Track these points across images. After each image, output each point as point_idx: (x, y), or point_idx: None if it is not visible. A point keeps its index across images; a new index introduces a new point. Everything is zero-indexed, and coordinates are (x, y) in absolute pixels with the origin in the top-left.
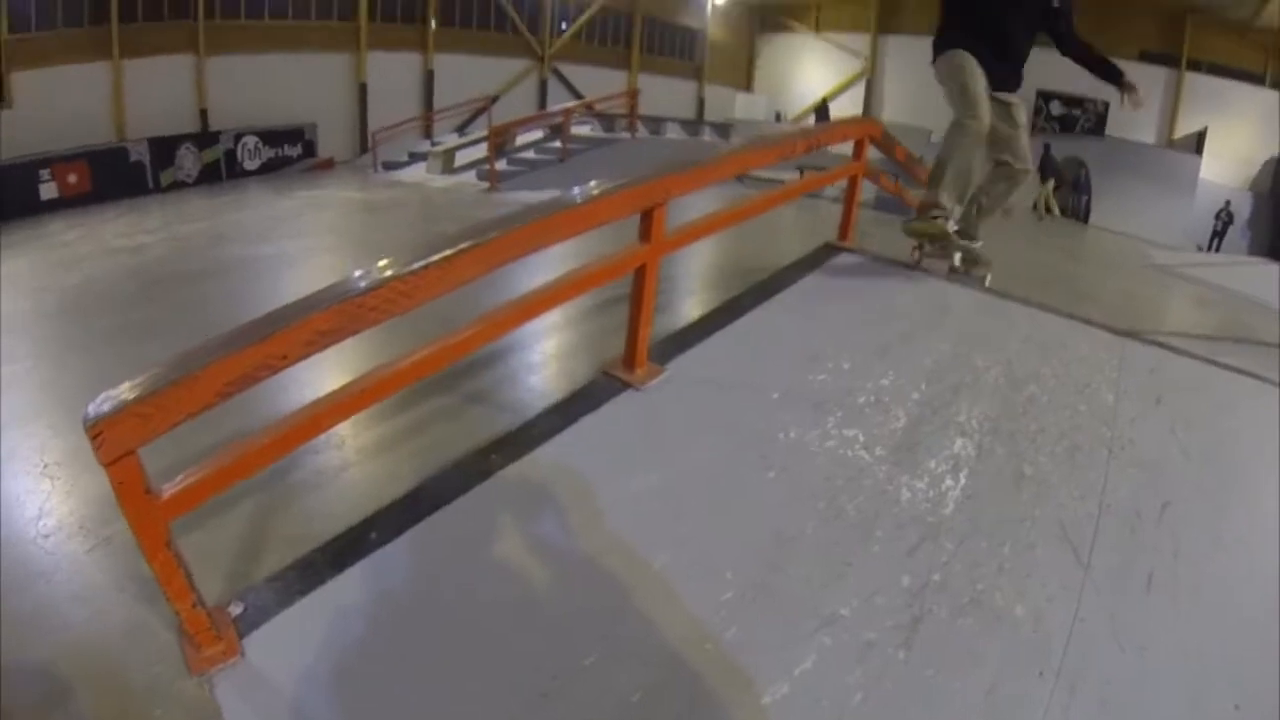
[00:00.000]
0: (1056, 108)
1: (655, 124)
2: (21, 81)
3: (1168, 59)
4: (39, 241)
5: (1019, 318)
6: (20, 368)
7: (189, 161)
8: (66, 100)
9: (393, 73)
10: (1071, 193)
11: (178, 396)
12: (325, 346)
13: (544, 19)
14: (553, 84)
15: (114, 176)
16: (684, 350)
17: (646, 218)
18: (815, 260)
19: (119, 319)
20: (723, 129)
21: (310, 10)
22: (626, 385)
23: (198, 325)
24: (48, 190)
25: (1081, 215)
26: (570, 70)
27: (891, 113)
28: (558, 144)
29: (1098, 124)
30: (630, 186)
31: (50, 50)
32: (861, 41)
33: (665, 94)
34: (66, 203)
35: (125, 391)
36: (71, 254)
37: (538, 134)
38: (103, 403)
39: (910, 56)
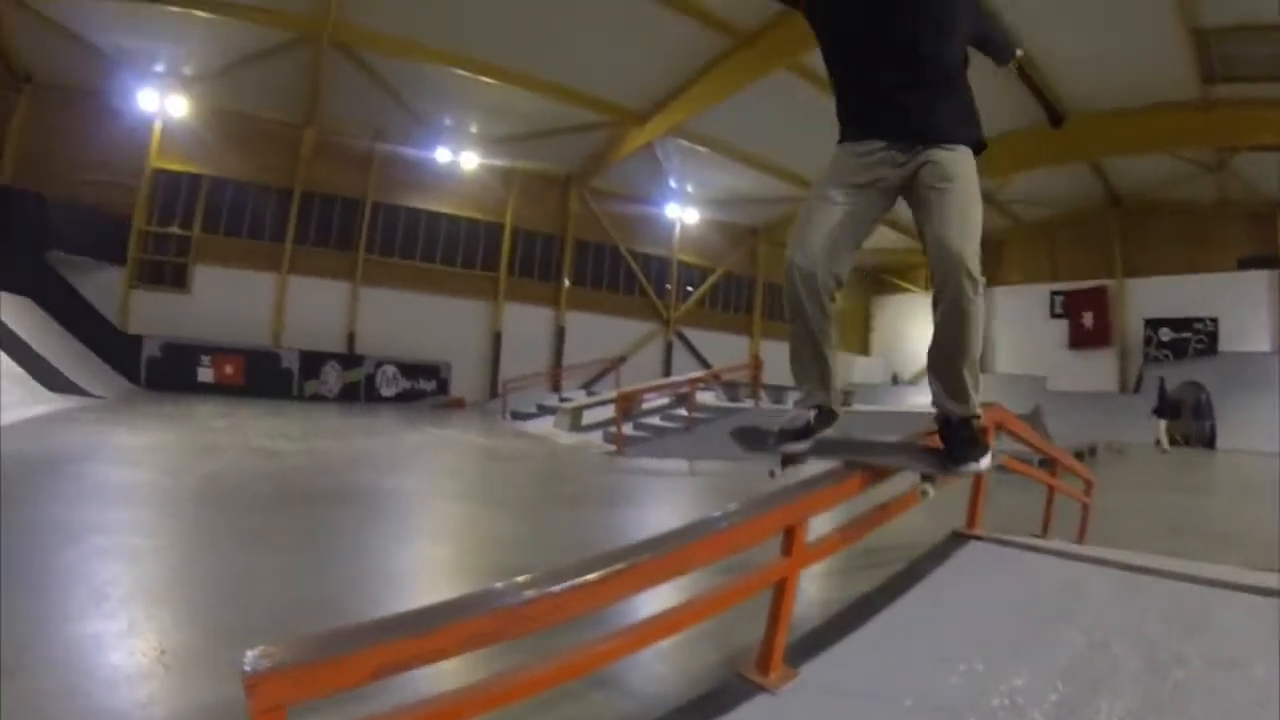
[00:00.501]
0: (1166, 334)
1: (777, 392)
2: (202, 274)
3: (1266, 261)
4: (190, 421)
5: (1155, 593)
6: (153, 544)
7: (332, 378)
8: (235, 299)
9: (527, 324)
10: (1193, 420)
11: (331, 671)
12: (479, 648)
13: (671, 284)
14: (677, 346)
15: (264, 376)
16: (816, 654)
17: (788, 534)
18: (944, 551)
19: (251, 522)
20: (844, 396)
21: (457, 259)
22: (760, 688)
23: (323, 550)
24: (205, 374)
25: (1207, 441)
26: (694, 335)
27: (1004, 363)
28: (683, 411)
29: (1210, 342)
30: (772, 509)
31: (230, 254)
32: None
33: (786, 360)
34: (219, 389)
35: (284, 654)
36: (216, 442)
37: (663, 398)
38: (263, 659)
39: (1017, 305)
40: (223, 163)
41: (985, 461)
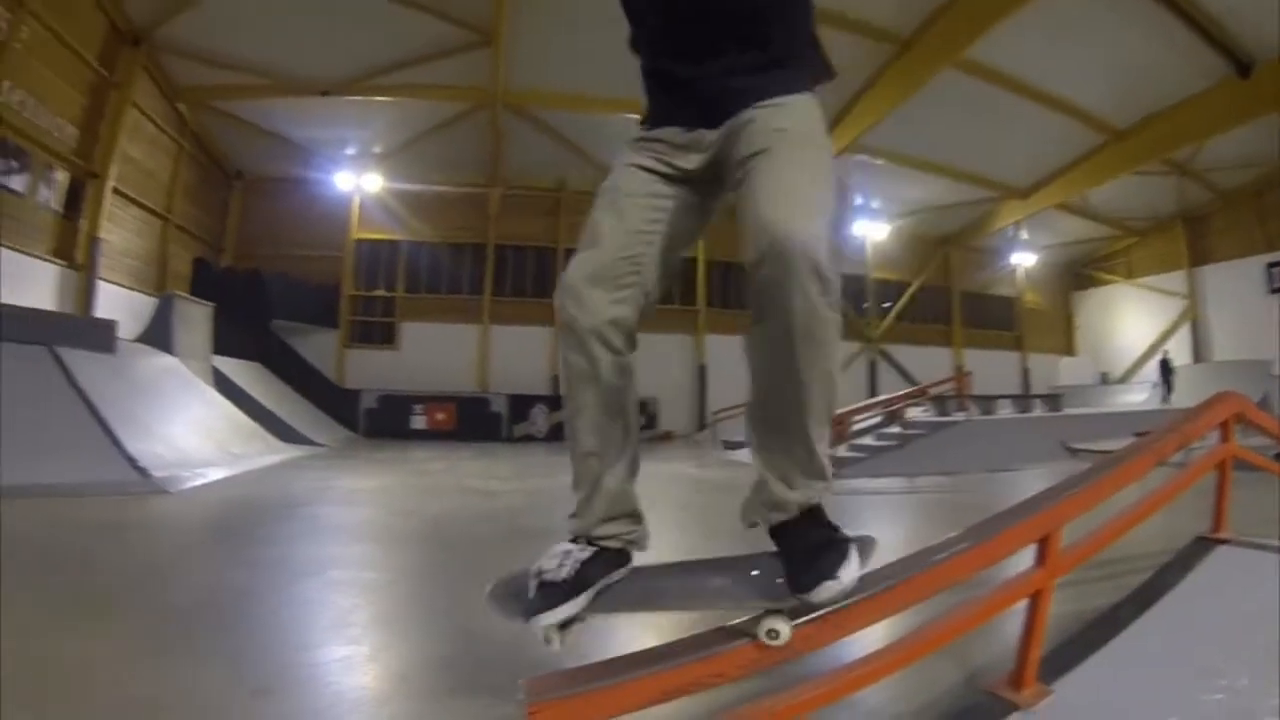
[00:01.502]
0: None
1: (986, 402)
2: (408, 330)
3: None
4: (407, 465)
5: None
6: (385, 577)
7: (540, 419)
8: (441, 351)
9: (730, 354)
10: None
11: (611, 697)
12: (754, 672)
13: (868, 301)
14: (880, 365)
15: (474, 420)
16: (1068, 670)
17: (1043, 544)
18: (1190, 558)
19: (471, 560)
20: (1052, 400)
21: None
22: (1014, 706)
23: None
24: (418, 422)
25: None
26: (896, 350)
27: (1222, 350)
28: (896, 429)
29: None
30: (1027, 518)
31: (433, 309)
32: (1177, 279)
33: (987, 367)
34: (431, 435)
35: (565, 681)
36: (435, 484)
37: (874, 417)
38: (546, 688)
39: (1230, 283)
40: (417, 228)
41: (849, 574)
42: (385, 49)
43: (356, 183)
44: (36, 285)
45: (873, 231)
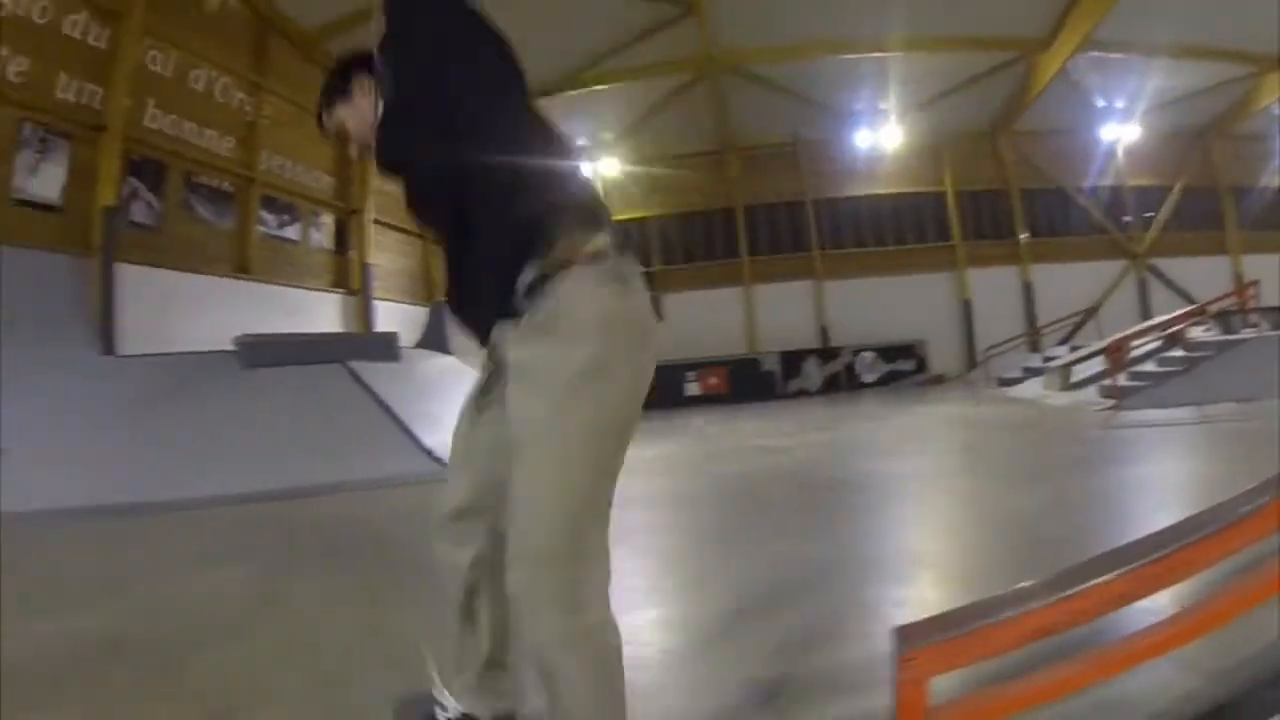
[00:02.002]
0: None
1: (1277, 315)
2: (671, 302)
3: None
4: (688, 431)
5: None
6: (686, 542)
7: (813, 372)
8: (706, 317)
9: (993, 287)
10: None
11: (978, 642)
12: (1114, 609)
13: (1128, 214)
14: (1151, 282)
15: (747, 382)
16: None
17: None
18: None
19: (769, 515)
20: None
21: (907, 235)
22: None
23: (842, 534)
24: (691, 389)
25: None
26: (1166, 264)
27: None
28: (1178, 353)
29: None
30: None
31: (692, 278)
32: None
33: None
34: (705, 400)
35: (937, 627)
36: (718, 447)
37: (1152, 343)
38: (918, 635)
39: None
40: (663, 201)
41: None
42: (592, 40)
43: (596, 170)
44: (323, 314)
45: (1123, 134)
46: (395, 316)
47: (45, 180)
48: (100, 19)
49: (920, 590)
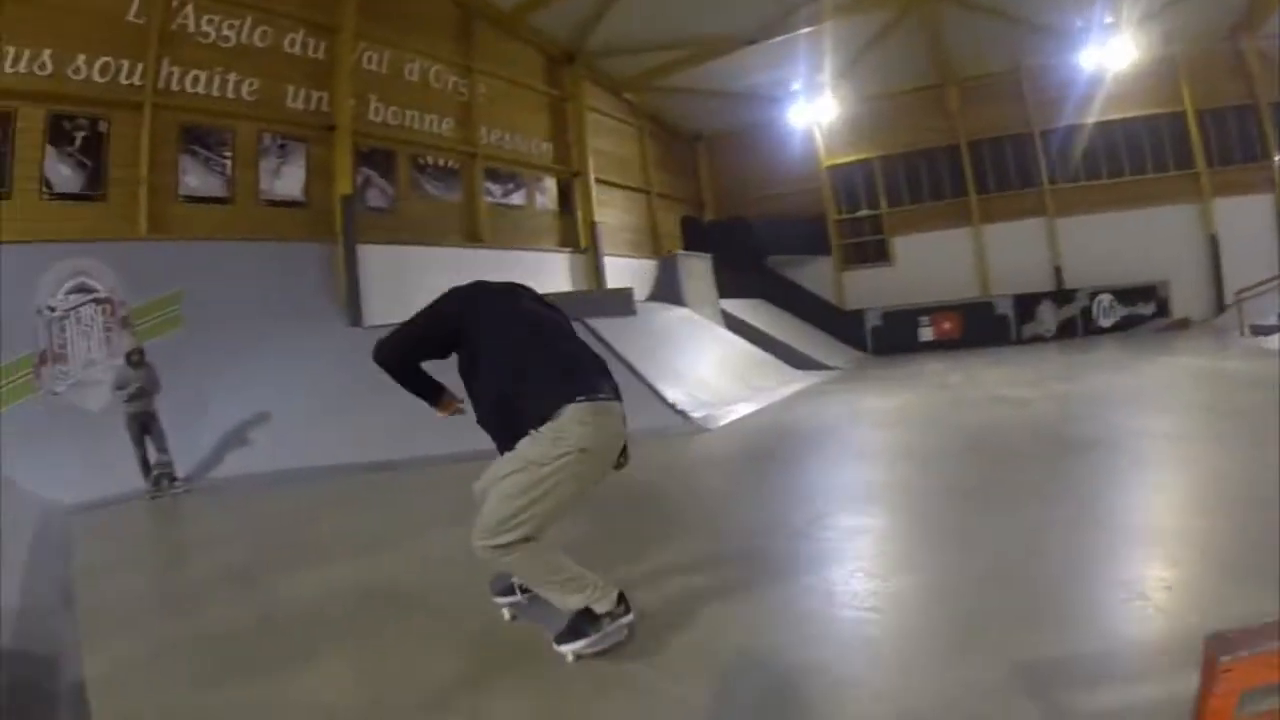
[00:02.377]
0: None
1: None
2: (900, 245)
3: None
4: (924, 379)
5: None
6: (937, 502)
7: (1048, 317)
8: (936, 260)
9: (1244, 219)
10: None
11: None
12: None
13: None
14: None
15: (981, 326)
16: None
17: None
18: None
19: (1023, 474)
20: None
21: (1145, 165)
22: None
23: (1109, 503)
24: (925, 334)
25: None
26: None
27: None
28: None
29: None
30: None
31: (920, 220)
32: None
33: None
34: (938, 345)
35: (1250, 638)
36: (959, 396)
37: None
38: (1232, 645)
39: None
40: (885, 141)
41: (573, 646)
42: None
43: (812, 114)
44: (555, 273)
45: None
46: (625, 271)
47: (288, 180)
48: (316, 34)
49: (1187, 573)
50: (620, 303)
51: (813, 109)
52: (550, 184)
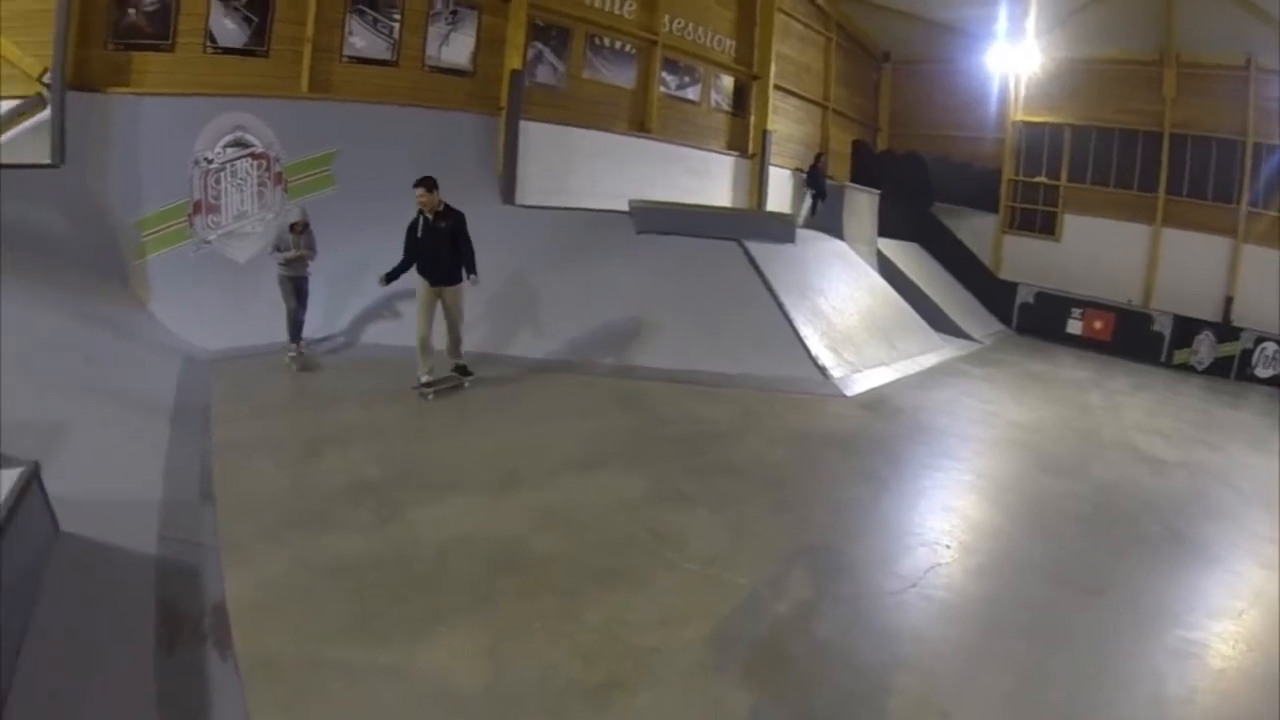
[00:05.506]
0: None
1: None
2: (1071, 223)
3: None
4: (1064, 387)
5: None
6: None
7: (1204, 349)
8: (1104, 250)
9: None
10: None
11: None
12: None
13: None
14: None
15: (1132, 337)
16: None
17: None
18: None
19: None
20: None
21: None
22: None
23: None
24: (1073, 326)
25: None
26: None
27: None
28: None
29: None
30: None
31: (1098, 203)
32: None
33: None
34: (1085, 343)
35: None
36: (1094, 428)
37: None
38: None
39: None
40: (1082, 110)
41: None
42: None
43: (1012, 62)
44: (719, 175)
45: None
46: (787, 184)
47: (455, 48)
48: None
49: None
50: (781, 229)
51: (1014, 56)
52: (727, 83)
